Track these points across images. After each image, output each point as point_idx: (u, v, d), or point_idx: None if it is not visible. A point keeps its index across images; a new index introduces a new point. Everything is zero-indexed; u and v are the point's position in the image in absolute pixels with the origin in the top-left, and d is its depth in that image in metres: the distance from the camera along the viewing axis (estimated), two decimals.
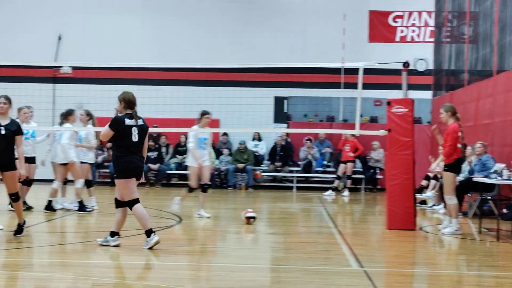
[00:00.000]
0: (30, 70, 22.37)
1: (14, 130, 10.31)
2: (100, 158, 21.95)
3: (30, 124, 14.15)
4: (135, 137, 9.57)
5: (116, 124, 9.55)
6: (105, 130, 9.61)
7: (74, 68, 22.49)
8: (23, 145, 10.60)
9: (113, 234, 9.75)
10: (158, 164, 22.34)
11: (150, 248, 9.47)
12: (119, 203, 9.75)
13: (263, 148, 23.41)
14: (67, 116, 14.31)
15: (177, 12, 23.81)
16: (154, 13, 23.81)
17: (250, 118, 19.84)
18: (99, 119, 15.16)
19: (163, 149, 22.96)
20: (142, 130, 9.70)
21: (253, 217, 12.73)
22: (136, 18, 23.77)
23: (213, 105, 20.83)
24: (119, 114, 9.70)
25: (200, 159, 13.46)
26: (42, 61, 22.18)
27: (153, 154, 22.31)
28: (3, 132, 10.18)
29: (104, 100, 21.75)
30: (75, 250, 9.64)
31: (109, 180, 21.76)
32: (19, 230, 10.45)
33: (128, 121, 9.56)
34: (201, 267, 8.79)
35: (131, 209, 9.61)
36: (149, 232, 9.57)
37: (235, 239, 11.65)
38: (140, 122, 9.71)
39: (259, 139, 23.44)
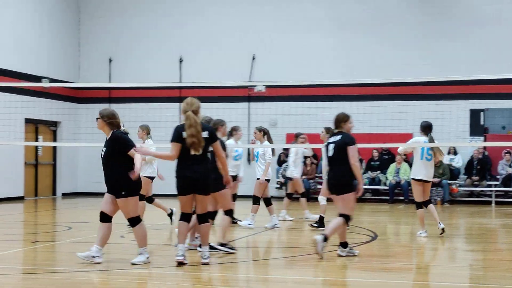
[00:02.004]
0: (227, 90, 23.25)
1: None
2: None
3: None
4: (329, 152, 10.52)
5: None
6: None
7: (268, 86, 23.05)
8: None
9: (342, 244, 10.26)
10: None
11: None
12: (345, 216, 10.26)
13: (459, 162, 22.78)
14: (232, 132, 14.47)
15: (365, 26, 23.76)
16: (342, 29, 23.89)
17: (445, 132, 19.37)
18: (289, 135, 15.38)
19: None
20: (336, 145, 10.51)
21: None
22: (325, 35, 23.96)
23: (407, 119, 20.69)
24: None
25: None
26: (237, 81, 22.96)
27: None
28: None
29: (298, 118, 22.25)
30: (276, 265, 9.83)
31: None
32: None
33: None
34: (398, 284, 8.67)
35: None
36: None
37: (432, 255, 11.41)
38: (336, 138, 10.54)
39: (455, 153, 22.84)
